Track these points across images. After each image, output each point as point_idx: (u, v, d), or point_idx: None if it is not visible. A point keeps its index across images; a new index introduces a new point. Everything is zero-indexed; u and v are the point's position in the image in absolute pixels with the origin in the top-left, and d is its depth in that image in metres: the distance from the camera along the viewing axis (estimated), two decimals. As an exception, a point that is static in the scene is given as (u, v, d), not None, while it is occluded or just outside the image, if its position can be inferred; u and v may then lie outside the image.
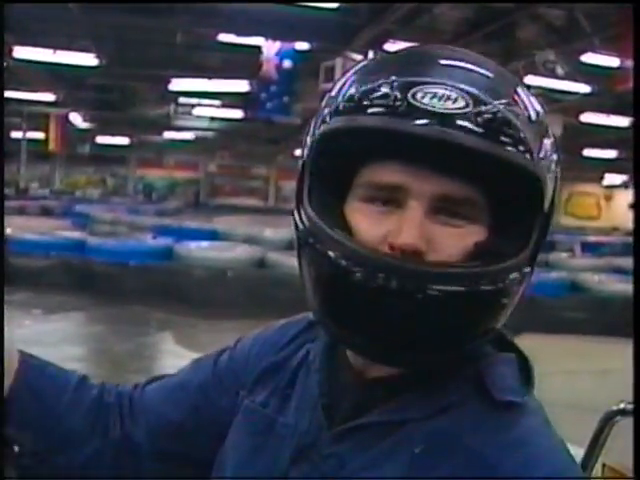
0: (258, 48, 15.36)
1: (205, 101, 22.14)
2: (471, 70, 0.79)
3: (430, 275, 0.75)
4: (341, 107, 0.79)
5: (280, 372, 0.96)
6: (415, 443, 0.79)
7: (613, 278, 10.32)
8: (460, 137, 0.73)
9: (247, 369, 1.00)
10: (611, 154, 27.88)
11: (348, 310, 0.79)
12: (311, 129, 0.85)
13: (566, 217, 34.79)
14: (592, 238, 18.14)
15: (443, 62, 0.79)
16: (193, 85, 18.89)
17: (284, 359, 0.97)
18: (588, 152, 27.17)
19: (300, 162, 0.85)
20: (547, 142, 0.80)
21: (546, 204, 0.80)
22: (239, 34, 14.32)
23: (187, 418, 1.01)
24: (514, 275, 0.78)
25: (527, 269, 0.80)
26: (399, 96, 0.75)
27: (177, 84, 18.74)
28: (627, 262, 10.62)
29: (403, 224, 0.76)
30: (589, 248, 15.24)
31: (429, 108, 0.73)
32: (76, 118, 26.39)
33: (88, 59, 15.63)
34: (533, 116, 0.79)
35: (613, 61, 13.02)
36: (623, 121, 18.96)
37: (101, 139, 31.92)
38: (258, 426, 0.92)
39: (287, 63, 15.70)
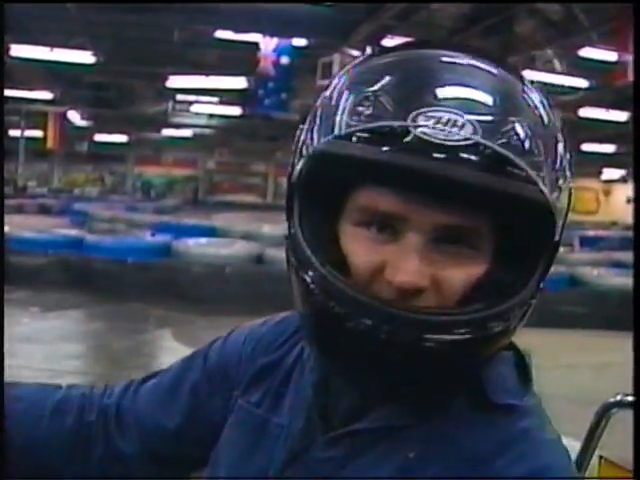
0: (255, 44, 15.34)
1: (203, 98, 22.11)
2: (476, 84, 0.71)
3: (429, 324, 0.70)
4: (334, 129, 0.73)
5: (275, 371, 0.93)
6: (410, 448, 0.77)
7: (612, 272, 10.32)
8: (465, 173, 0.66)
9: (240, 367, 0.97)
10: (609, 149, 27.87)
11: (333, 348, 0.75)
12: (301, 137, 0.79)
13: (565, 212, 34.74)
14: (591, 232, 18.14)
15: (445, 78, 0.72)
16: (191, 82, 18.84)
17: (280, 358, 0.94)
18: (586, 147, 27.12)
19: (289, 171, 0.79)
20: (561, 147, 0.74)
21: (557, 233, 0.74)
22: (236, 31, 14.30)
23: (181, 422, 0.99)
24: (519, 311, 0.74)
25: (532, 299, 0.75)
26: (398, 120, 0.68)
27: (175, 81, 18.70)
28: (625, 256, 10.64)
29: (401, 259, 0.70)
30: (588, 242, 15.24)
31: (428, 138, 0.67)
32: (74, 116, 26.36)
33: (85, 57, 15.59)
34: (546, 119, 0.74)
35: (611, 55, 12.99)
36: (621, 115, 18.95)
37: (99, 137, 31.88)
38: (252, 426, 0.90)
39: (284, 59, 15.67)
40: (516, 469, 0.73)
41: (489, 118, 0.69)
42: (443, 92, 0.70)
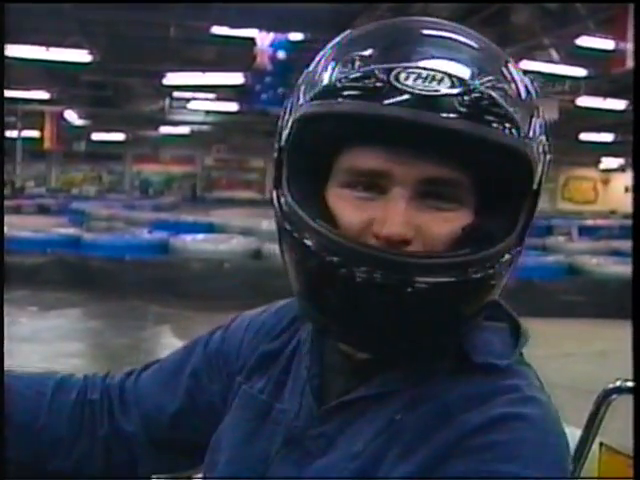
0: (252, 40, 15.35)
1: (200, 95, 22.13)
2: (458, 47, 0.76)
3: (417, 266, 0.72)
4: (319, 89, 0.76)
5: (276, 359, 0.95)
6: (395, 411, 0.79)
7: (611, 260, 10.33)
8: (444, 119, 0.70)
9: (240, 353, 1.00)
10: (607, 138, 27.89)
11: (330, 301, 0.77)
12: (287, 108, 0.82)
13: (564, 202, 34.88)
14: (589, 222, 18.25)
15: (428, 39, 0.76)
16: (187, 79, 18.90)
17: (280, 346, 0.96)
18: (584, 136, 27.16)
19: (276, 144, 0.82)
20: (536, 122, 0.77)
21: (535, 182, 0.77)
22: (232, 26, 14.29)
23: (182, 406, 1.01)
24: (504, 258, 0.76)
25: (516, 250, 0.78)
26: (381, 78, 0.72)
27: (171, 78, 18.75)
28: (624, 245, 10.64)
29: (387, 213, 0.74)
30: (586, 231, 15.30)
31: (412, 90, 0.70)
32: (71, 115, 26.36)
33: (81, 55, 15.59)
34: (523, 94, 0.76)
35: (608, 44, 12.96)
36: (619, 104, 18.95)
37: (96, 136, 31.90)
38: (255, 412, 0.92)
39: (281, 54, 15.71)
40: (475, 417, 0.74)
41: (467, 76, 0.73)
42: (425, 52, 0.74)
